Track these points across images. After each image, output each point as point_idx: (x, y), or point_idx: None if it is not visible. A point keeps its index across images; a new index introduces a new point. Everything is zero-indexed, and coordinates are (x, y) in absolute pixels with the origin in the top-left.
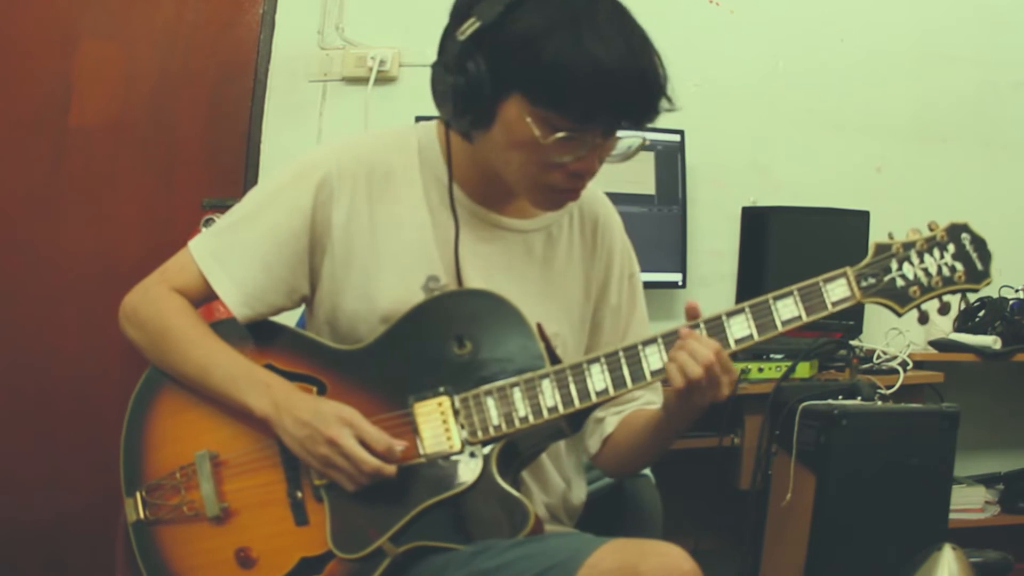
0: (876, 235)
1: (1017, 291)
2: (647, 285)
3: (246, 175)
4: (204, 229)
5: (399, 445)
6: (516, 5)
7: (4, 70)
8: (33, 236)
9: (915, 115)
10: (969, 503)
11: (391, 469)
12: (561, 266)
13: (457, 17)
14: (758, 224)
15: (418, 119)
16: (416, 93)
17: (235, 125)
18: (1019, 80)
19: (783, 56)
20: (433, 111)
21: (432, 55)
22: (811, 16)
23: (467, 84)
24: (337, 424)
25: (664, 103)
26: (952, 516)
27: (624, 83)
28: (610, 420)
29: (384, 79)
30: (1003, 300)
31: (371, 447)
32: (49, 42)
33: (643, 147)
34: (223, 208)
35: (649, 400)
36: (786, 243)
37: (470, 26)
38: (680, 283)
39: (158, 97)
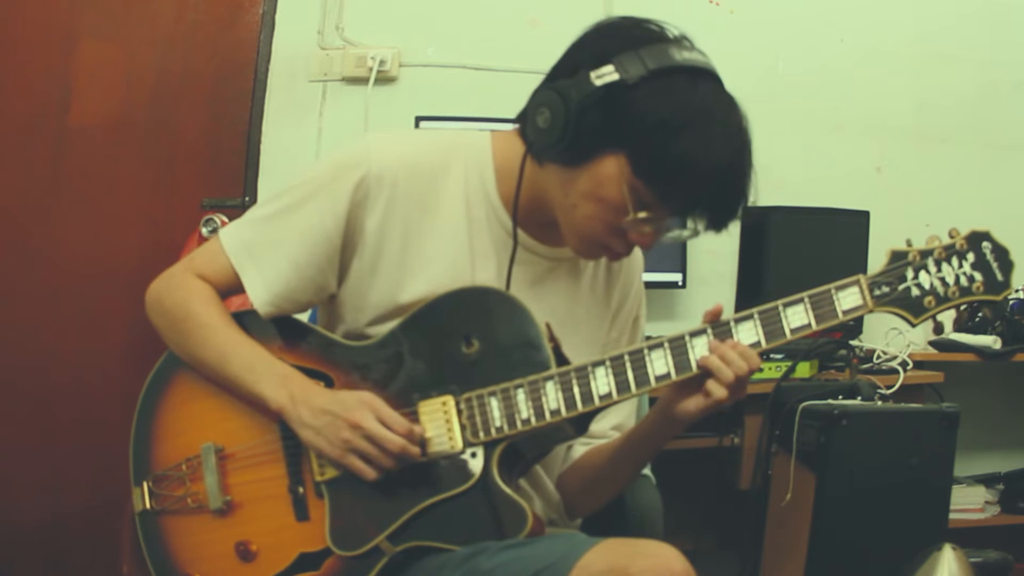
0: (876, 235)
1: (1017, 291)
2: (647, 285)
3: (246, 175)
4: (203, 229)
5: (418, 427)
6: (659, 74)
7: (4, 70)
8: (33, 236)
9: (915, 115)
10: (969, 503)
11: (416, 450)
12: (584, 298)
13: (592, 56)
14: (758, 224)
15: (418, 119)
16: (416, 93)
17: (235, 125)
18: (1020, 80)
19: (783, 56)
20: (433, 111)
21: (432, 55)
22: (811, 16)
23: (579, 125)
24: (359, 407)
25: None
26: (952, 516)
27: (729, 199)
28: (577, 450)
29: (384, 79)
30: (1003, 300)
31: (393, 428)
32: (49, 42)
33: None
34: (223, 208)
35: (621, 424)
36: (786, 243)
37: (608, 74)
38: (680, 283)
39: (158, 97)
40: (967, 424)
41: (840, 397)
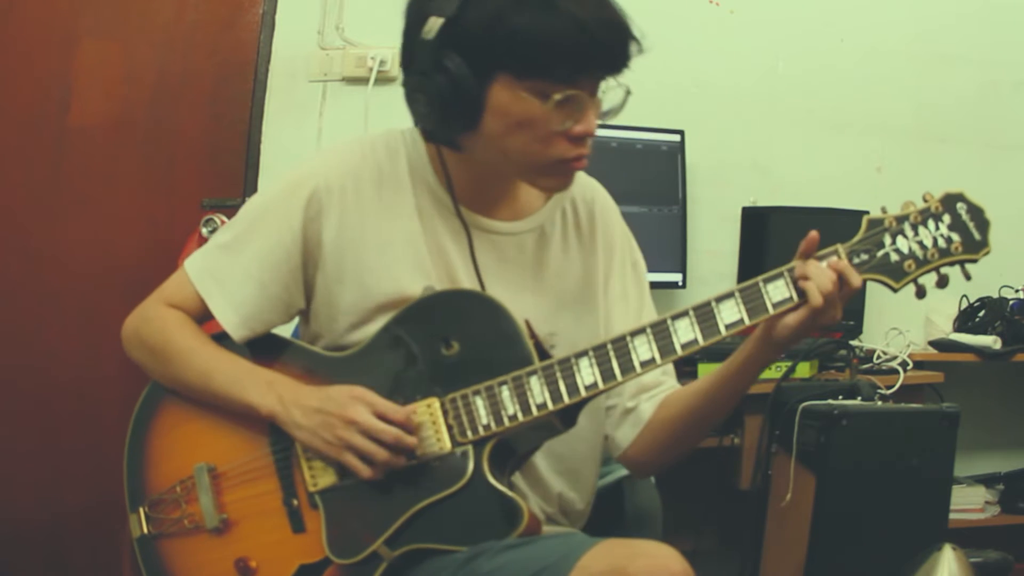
0: None
1: (1017, 291)
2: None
3: (246, 175)
4: (203, 229)
5: (415, 414)
6: None
7: (4, 70)
8: (33, 236)
9: (915, 115)
10: (969, 503)
11: (412, 440)
12: (556, 264)
13: (414, 24)
14: (758, 224)
15: None
16: None
17: (235, 125)
18: (1020, 80)
19: (783, 56)
20: None
21: None
22: (811, 16)
23: (450, 81)
24: (352, 403)
25: (635, 46)
26: (952, 516)
27: (602, 34)
28: (644, 407)
29: (384, 79)
30: (1003, 300)
31: (389, 418)
32: (49, 42)
33: (628, 95)
34: (223, 208)
35: (672, 385)
36: (786, 243)
37: (433, 25)
38: (680, 283)
39: (158, 97)
40: (967, 424)
41: (840, 397)
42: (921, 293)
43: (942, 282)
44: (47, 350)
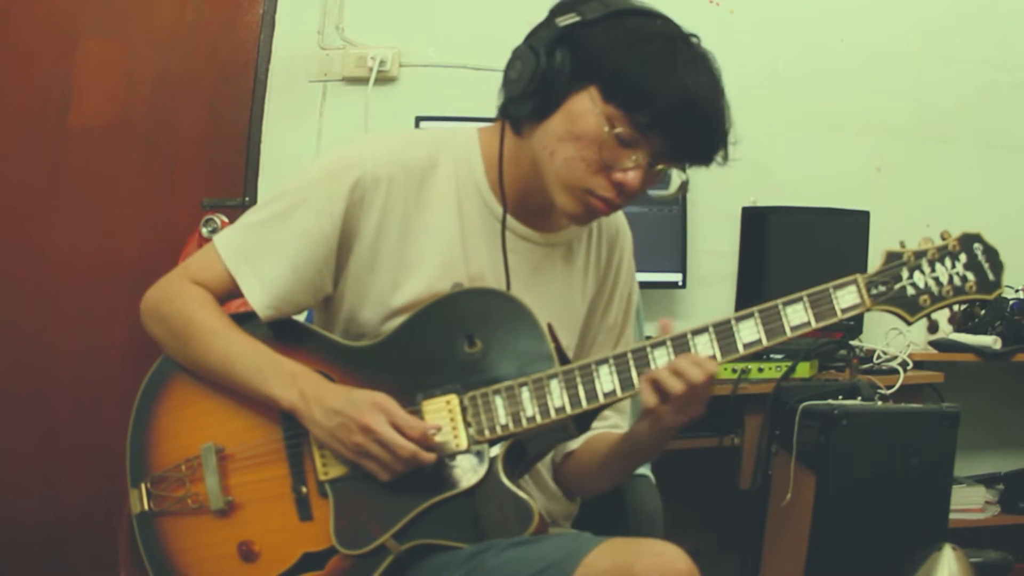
0: (876, 235)
1: (1017, 291)
2: (647, 285)
3: (246, 175)
4: (204, 229)
5: (432, 429)
6: (617, 14)
7: (4, 70)
8: (33, 236)
9: (915, 115)
10: (969, 503)
11: (428, 456)
12: (577, 281)
13: (558, 9)
14: (758, 224)
15: (418, 119)
16: (416, 93)
17: (235, 125)
18: (1020, 80)
19: (783, 56)
20: (434, 111)
21: (432, 55)
22: (811, 16)
23: (549, 65)
24: (371, 410)
25: (720, 154)
26: (952, 516)
27: (699, 112)
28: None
29: (384, 79)
30: (1003, 300)
31: (406, 433)
32: (49, 42)
33: (684, 189)
34: (223, 208)
35: (616, 423)
36: (786, 243)
37: (570, 18)
38: (680, 283)
39: (158, 97)
40: (967, 424)
41: (840, 397)
42: (933, 328)
43: (954, 318)
44: (47, 349)
